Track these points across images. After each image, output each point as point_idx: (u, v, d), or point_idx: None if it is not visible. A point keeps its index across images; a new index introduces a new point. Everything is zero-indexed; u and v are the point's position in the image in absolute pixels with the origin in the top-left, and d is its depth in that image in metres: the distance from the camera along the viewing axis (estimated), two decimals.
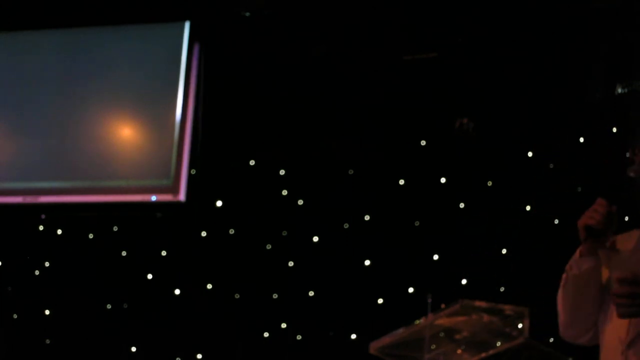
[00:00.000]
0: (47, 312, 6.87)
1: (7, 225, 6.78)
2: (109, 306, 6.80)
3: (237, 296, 6.67)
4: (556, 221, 6.18)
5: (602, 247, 2.70)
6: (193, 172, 6.26)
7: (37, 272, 6.88)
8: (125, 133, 6.49)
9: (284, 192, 6.61)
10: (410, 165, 6.49)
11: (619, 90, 5.90)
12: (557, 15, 6.11)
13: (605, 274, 2.71)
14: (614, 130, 6.01)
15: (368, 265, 6.49)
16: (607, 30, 6.06)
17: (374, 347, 4.27)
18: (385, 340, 4.23)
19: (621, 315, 2.58)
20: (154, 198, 6.24)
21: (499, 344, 4.05)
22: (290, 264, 6.63)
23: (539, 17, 6.14)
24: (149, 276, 6.77)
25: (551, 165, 6.29)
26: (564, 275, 2.79)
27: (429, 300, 4.06)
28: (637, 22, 5.92)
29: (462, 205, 6.40)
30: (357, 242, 6.48)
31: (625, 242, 2.75)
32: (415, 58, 6.33)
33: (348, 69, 6.48)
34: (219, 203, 6.63)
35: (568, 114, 6.19)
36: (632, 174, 2.70)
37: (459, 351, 4.16)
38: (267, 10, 6.37)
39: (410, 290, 6.37)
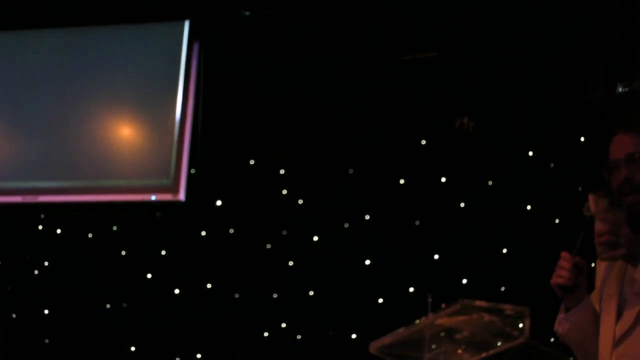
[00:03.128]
0: (46, 311, 6.86)
1: (6, 224, 6.77)
2: (108, 306, 6.80)
3: (237, 296, 6.67)
4: (556, 221, 6.18)
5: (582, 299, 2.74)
6: (193, 171, 6.25)
7: (36, 272, 6.88)
8: (125, 132, 6.48)
9: (284, 192, 6.61)
10: (411, 165, 6.49)
11: (619, 90, 5.90)
12: (557, 15, 6.11)
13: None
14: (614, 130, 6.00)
15: (368, 265, 6.49)
16: (607, 30, 6.05)
17: (374, 346, 4.27)
18: (386, 340, 4.23)
19: (600, 255, 2.64)
20: (153, 197, 6.23)
21: (499, 343, 4.06)
22: (290, 263, 6.63)
23: (539, 17, 6.13)
24: (149, 276, 6.76)
25: (552, 165, 6.29)
26: (556, 329, 2.82)
27: (429, 300, 4.06)
28: (637, 22, 5.91)
29: (462, 204, 6.40)
30: (357, 241, 6.48)
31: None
32: (415, 58, 6.33)
33: (348, 69, 6.48)
34: (218, 202, 6.63)
35: (568, 114, 6.19)
36: (586, 213, 2.72)
37: (459, 351, 4.17)
38: (267, 10, 6.36)
39: (411, 290, 6.37)
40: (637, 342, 2.60)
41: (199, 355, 6.72)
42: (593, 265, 2.79)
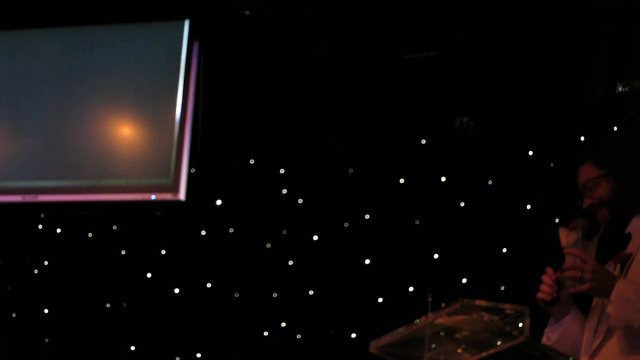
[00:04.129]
0: (46, 311, 6.86)
1: (6, 224, 6.77)
2: (108, 305, 6.80)
3: (236, 295, 6.67)
4: (556, 221, 6.17)
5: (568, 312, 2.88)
6: (193, 170, 6.25)
7: (36, 271, 6.88)
8: (125, 132, 6.48)
9: (284, 191, 6.61)
10: (411, 164, 6.49)
11: (619, 90, 5.90)
12: (557, 15, 6.10)
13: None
14: (614, 129, 6.02)
15: (368, 264, 6.48)
16: (607, 30, 6.05)
17: (374, 346, 4.25)
18: (386, 339, 4.21)
19: (567, 289, 2.75)
20: (153, 197, 6.23)
21: (499, 343, 4.05)
22: (290, 263, 6.63)
23: (539, 17, 6.13)
24: (149, 275, 6.76)
25: (552, 164, 6.28)
26: (544, 342, 2.94)
27: (429, 299, 4.05)
28: (637, 22, 5.91)
29: (462, 204, 6.40)
30: (357, 241, 6.48)
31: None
32: (415, 57, 6.32)
33: (348, 69, 6.48)
34: (218, 202, 6.63)
35: (568, 113, 6.19)
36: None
37: (459, 350, 4.15)
38: (267, 10, 6.36)
39: (411, 289, 6.36)
40: (608, 353, 2.72)
41: (199, 355, 6.72)
42: None
